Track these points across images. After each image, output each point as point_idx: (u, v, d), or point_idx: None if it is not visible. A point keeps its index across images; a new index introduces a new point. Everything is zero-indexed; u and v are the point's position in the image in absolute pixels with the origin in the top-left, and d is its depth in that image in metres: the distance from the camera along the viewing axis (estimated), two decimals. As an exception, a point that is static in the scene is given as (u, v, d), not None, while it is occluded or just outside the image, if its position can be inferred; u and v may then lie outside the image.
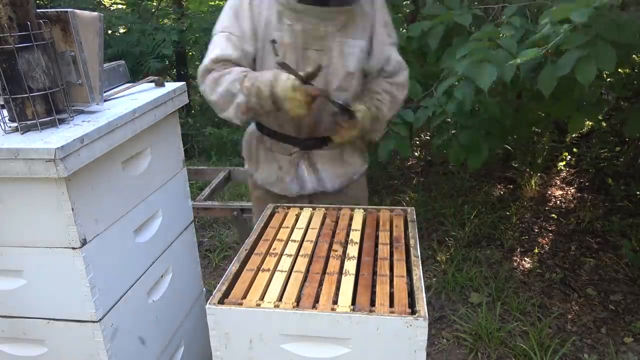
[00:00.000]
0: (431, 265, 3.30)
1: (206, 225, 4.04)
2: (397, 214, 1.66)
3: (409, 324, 1.12)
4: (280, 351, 1.20)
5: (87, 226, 1.30)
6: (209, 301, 1.22)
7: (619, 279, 3.07)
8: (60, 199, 1.23)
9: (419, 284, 1.24)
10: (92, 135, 1.26)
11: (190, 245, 1.88)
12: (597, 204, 3.93)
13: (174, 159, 1.76)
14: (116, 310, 1.43)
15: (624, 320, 2.72)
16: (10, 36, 1.22)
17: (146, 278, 1.58)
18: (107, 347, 1.39)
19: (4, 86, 1.26)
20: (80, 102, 1.41)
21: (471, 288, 3.04)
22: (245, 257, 1.42)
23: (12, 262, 1.34)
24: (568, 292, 2.99)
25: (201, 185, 4.22)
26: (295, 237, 1.53)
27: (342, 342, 1.17)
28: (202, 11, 6.67)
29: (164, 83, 1.72)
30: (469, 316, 2.76)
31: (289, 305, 1.20)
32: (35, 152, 1.16)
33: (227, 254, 3.60)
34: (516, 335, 2.61)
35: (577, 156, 4.74)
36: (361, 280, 1.30)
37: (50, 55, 1.30)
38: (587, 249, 3.40)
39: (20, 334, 1.42)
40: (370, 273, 1.34)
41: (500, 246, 3.49)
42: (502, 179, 4.50)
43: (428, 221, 3.81)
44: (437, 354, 2.56)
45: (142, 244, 1.56)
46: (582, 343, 2.57)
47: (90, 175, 1.31)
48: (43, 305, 1.37)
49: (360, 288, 1.26)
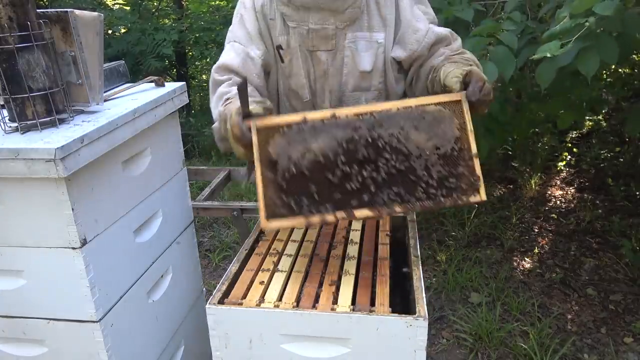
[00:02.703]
0: (431, 265, 3.30)
1: (206, 225, 4.04)
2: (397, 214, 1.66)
3: (409, 324, 1.12)
4: (280, 351, 1.20)
5: (87, 226, 1.30)
6: (209, 301, 1.22)
7: (619, 279, 3.07)
8: (60, 199, 1.23)
9: (419, 284, 1.25)
10: (92, 135, 1.26)
11: (190, 245, 1.88)
12: (597, 204, 3.93)
13: (174, 159, 1.76)
14: (116, 310, 1.43)
15: (624, 320, 2.72)
16: (10, 36, 1.22)
17: (146, 278, 1.58)
18: (107, 347, 1.39)
19: (4, 86, 1.26)
20: (80, 102, 1.41)
21: (471, 288, 3.04)
22: (245, 257, 1.42)
23: (12, 262, 1.34)
24: (568, 292, 2.99)
25: (201, 185, 4.22)
26: (295, 237, 1.53)
27: (342, 342, 1.17)
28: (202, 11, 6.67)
29: (164, 83, 1.72)
30: (469, 316, 2.75)
31: (289, 305, 1.20)
32: (35, 152, 1.16)
33: (227, 254, 3.60)
34: (516, 335, 2.61)
35: (577, 156, 4.74)
36: (361, 280, 1.30)
37: (50, 55, 1.30)
38: (587, 249, 3.40)
39: (20, 334, 1.42)
40: (370, 273, 1.34)
41: (500, 246, 3.49)
42: (502, 179, 4.49)
43: (428, 221, 3.81)
44: (437, 354, 2.56)
45: (142, 244, 1.56)
46: (582, 343, 2.57)
47: (90, 175, 1.30)
48: (43, 305, 1.37)
49: (360, 288, 1.26)
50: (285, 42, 1.64)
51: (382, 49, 1.64)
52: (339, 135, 1.24)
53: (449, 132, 1.27)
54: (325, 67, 1.65)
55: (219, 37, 5.89)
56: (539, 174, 4.41)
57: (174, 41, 5.36)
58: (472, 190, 1.25)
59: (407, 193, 1.24)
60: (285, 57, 1.65)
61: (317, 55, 1.64)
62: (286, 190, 1.21)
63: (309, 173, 1.21)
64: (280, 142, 1.23)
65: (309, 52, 1.63)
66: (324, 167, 1.22)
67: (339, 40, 1.62)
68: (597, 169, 4.46)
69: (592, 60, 1.90)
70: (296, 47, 1.62)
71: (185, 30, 6.07)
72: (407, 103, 1.28)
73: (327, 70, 1.65)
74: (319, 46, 1.62)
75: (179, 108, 1.72)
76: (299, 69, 1.65)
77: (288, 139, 1.23)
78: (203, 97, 7.61)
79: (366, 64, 1.64)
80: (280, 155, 1.22)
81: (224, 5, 6.77)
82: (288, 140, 1.23)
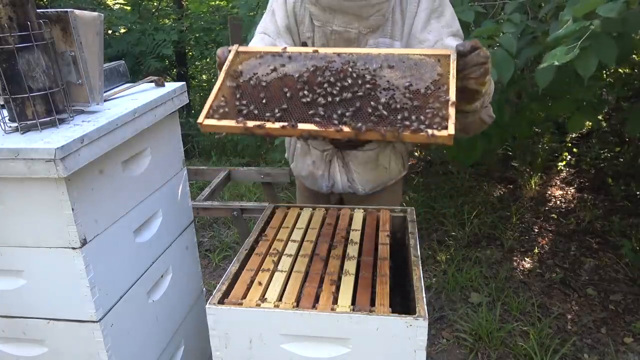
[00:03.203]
0: (431, 265, 3.30)
1: (206, 225, 4.04)
2: (397, 214, 1.66)
3: (409, 324, 1.12)
4: (280, 351, 1.20)
5: (87, 226, 1.30)
6: (209, 301, 1.22)
7: (619, 279, 3.07)
8: (60, 199, 1.23)
9: (419, 284, 1.25)
10: (92, 135, 1.26)
11: (190, 245, 1.88)
12: (597, 204, 3.93)
13: (174, 159, 1.76)
14: (116, 310, 1.43)
15: (624, 320, 2.72)
16: (10, 36, 1.22)
17: (146, 278, 1.58)
18: (107, 347, 1.39)
19: (4, 86, 1.26)
20: (80, 102, 1.41)
21: (471, 288, 3.04)
22: (245, 257, 1.42)
23: (12, 262, 1.34)
24: (568, 292, 2.99)
25: (201, 185, 4.23)
26: (295, 237, 1.53)
27: (342, 342, 1.17)
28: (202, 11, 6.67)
29: (164, 83, 1.72)
30: (469, 316, 2.76)
31: (289, 305, 1.20)
32: (35, 152, 1.16)
33: (227, 254, 3.60)
34: (516, 335, 2.61)
35: (577, 156, 4.74)
36: (361, 280, 1.30)
37: (50, 55, 1.30)
38: (587, 249, 3.40)
39: (20, 334, 1.42)
40: (370, 273, 1.34)
41: (500, 246, 3.49)
42: (502, 179, 4.50)
43: (428, 221, 3.81)
44: (437, 354, 2.56)
45: (142, 244, 1.56)
46: (582, 343, 2.57)
47: (90, 175, 1.30)
48: (43, 305, 1.37)
49: (360, 288, 1.26)
50: (311, 40, 1.66)
51: None
52: (311, 63, 1.26)
53: (427, 75, 1.21)
54: None
55: (219, 37, 5.90)
56: (539, 174, 4.42)
57: (173, 41, 5.36)
58: (439, 125, 1.13)
59: (362, 115, 1.16)
60: None
61: None
62: (239, 97, 1.22)
63: (267, 85, 1.23)
64: (252, 62, 1.29)
65: None
66: (284, 83, 1.22)
67: (360, 44, 1.63)
68: (597, 169, 4.46)
69: (590, 61, 1.89)
70: (321, 46, 1.63)
71: (185, 30, 6.08)
72: (393, 51, 1.28)
73: None
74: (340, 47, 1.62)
75: (179, 108, 1.72)
76: None
77: (261, 61, 1.28)
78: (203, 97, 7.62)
79: None
80: (247, 70, 1.27)
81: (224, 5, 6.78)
82: (260, 61, 1.28)
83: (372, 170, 1.82)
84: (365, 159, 1.80)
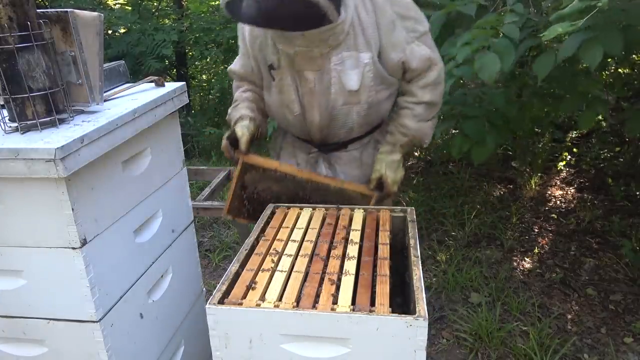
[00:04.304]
0: (431, 265, 3.29)
1: (206, 225, 4.04)
2: (397, 214, 1.66)
3: (409, 324, 1.12)
4: (280, 351, 1.20)
5: (87, 226, 1.30)
6: (209, 301, 1.22)
7: (619, 279, 3.07)
8: (60, 199, 1.23)
9: (419, 284, 1.25)
10: (92, 135, 1.26)
11: (190, 245, 1.88)
12: (597, 204, 3.93)
13: (174, 159, 1.76)
14: (116, 310, 1.43)
15: (624, 320, 2.72)
16: (10, 36, 1.22)
17: (146, 278, 1.58)
18: (107, 347, 1.39)
19: (4, 86, 1.26)
20: (80, 102, 1.41)
21: (471, 288, 3.04)
22: (245, 257, 1.42)
23: (12, 262, 1.34)
24: (568, 292, 2.99)
25: (201, 185, 4.22)
26: (295, 237, 1.53)
27: (342, 342, 1.17)
28: (202, 11, 6.67)
29: (164, 83, 1.72)
30: (469, 316, 2.75)
31: (289, 305, 1.20)
32: (35, 152, 1.16)
33: (227, 254, 3.60)
34: (516, 335, 2.61)
35: (577, 156, 4.74)
36: (361, 280, 1.30)
37: (50, 55, 1.30)
38: (587, 249, 3.40)
39: (20, 334, 1.42)
40: (370, 273, 1.34)
41: (500, 246, 3.49)
42: (502, 179, 4.49)
43: (428, 221, 3.81)
44: (437, 354, 2.56)
45: (142, 244, 1.56)
46: (582, 343, 2.57)
47: (90, 175, 1.31)
48: (43, 305, 1.37)
49: (360, 288, 1.26)
50: (277, 62, 1.73)
51: (368, 67, 1.68)
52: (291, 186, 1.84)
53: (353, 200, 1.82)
54: (312, 86, 1.71)
55: (219, 37, 5.89)
56: (539, 174, 4.41)
57: (173, 41, 5.36)
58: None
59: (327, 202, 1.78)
60: (276, 76, 1.75)
61: (305, 75, 1.70)
62: (245, 203, 1.92)
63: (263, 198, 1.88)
64: (255, 175, 1.87)
65: (297, 71, 1.71)
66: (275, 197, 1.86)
67: (325, 62, 1.67)
68: (597, 169, 4.46)
69: (596, 51, 1.85)
70: (285, 67, 1.71)
71: (185, 31, 6.07)
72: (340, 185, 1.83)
73: (314, 88, 1.72)
74: (305, 67, 1.68)
75: (179, 108, 1.73)
76: (289, 86, 1.74)
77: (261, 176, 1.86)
78: (203, 97, 7.62)
79: (353, 84, 1.69)
80: (250, 185, 1.89)
81: (223, 5, 6.75)
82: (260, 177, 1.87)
83: (357, 168, 1.91)
84: (350, 159, 1.90)
